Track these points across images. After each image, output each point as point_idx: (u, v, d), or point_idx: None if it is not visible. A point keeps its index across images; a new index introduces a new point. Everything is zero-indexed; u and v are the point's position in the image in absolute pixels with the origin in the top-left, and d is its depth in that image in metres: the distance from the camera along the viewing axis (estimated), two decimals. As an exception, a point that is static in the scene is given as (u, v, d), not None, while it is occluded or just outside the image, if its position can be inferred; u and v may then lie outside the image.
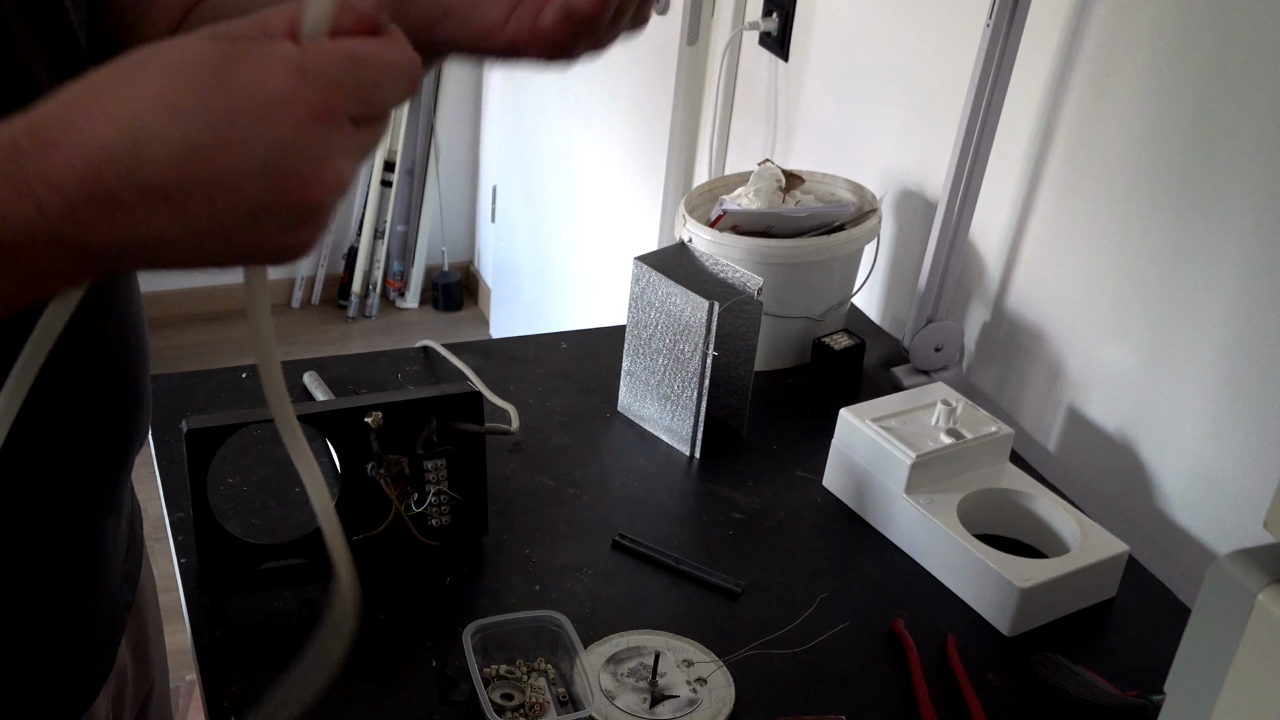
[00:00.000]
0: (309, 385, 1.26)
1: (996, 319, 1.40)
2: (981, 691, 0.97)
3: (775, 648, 1.00)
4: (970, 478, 1.14)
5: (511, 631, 0.96)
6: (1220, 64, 1.09)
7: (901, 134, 1.52)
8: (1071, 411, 1.30)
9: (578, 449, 1.23)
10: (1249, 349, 1.09)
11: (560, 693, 0.93)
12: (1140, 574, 1.12)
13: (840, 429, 1.17)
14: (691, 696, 0.94)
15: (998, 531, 1.14)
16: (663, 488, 1.19)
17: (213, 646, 0.95)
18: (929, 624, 1.04)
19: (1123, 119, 1.20)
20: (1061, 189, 1.28)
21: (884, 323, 1.55)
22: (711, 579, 1.07)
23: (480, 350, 1.37)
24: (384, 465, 1.00)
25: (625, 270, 1.26)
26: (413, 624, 0.99)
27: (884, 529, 1.14)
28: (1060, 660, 0.98)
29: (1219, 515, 1.14)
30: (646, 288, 1.21)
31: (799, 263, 1.34)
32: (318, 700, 0.92)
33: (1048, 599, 1.04)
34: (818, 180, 1.47)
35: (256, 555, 1.02)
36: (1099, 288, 1.25)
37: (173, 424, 1.16)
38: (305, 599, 1.00)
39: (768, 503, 1.17)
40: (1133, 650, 1.04)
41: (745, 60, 1.86)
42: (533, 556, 1.08)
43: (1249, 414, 1.09)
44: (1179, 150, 1.14)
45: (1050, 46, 1.26)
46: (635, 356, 1.25)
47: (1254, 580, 0.50)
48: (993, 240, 1.38)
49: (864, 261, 1.43)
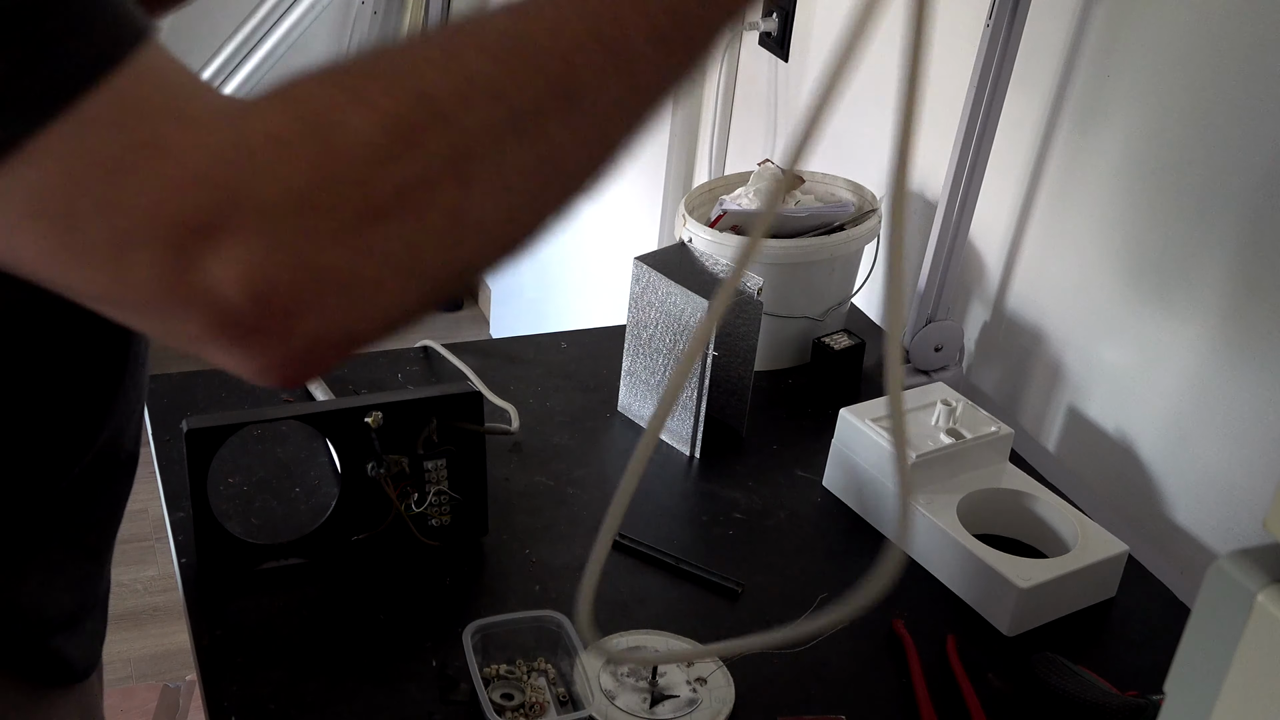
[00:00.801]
0: (309, 385, 1.26)
1: (996, 319, 1.40)
2: (981, 691, 0.97)
3: (775, 648, 1.00)
4: (970, 478, 1.14)
5: (511, 631, 0.96)
6: (1220, 64, 1.09)
7: (901, 134, 1.52)
8: (1071, 411, 1.30)
9: (578, 449, 1.23)
10: (1249, 349, 1.09)
11: (560, 693, 0.93)
12: (1140, 574, 1.12)
13: (840, 429, 1.17)
14: (691, 696, 0.94)
15: (998, 531, 1.14)
16: (663, 488, 1.19)
17: (213, 646, 0.95)
18: (929, 624, 1.04)
19: (1122, 119, 1.20)
20: (1061, 189, 1.28)
21: (884, 323, 1.55)
22: (711, 579, 1.06)
23: (480, 350, 1.37)
24: (384, 465, 1.00)
25: (625, 270, 1.26)
26: (413, 624, 0.99)
27: (884, 529, 1.14)
28: (1060, 660, 0.98)
29: (1219, 515, 1.14)
30: (646, 288, 1.21)
31: (799, 263, 1.34)
32: (318, 700, 0.92)
33: (1048, 599, 1.04)
34: (818, 180, 1.47)
35: (256, 555, 1.02)
36: (1099, 288, 1.25)
37: (173, 424, 1.16)
38: (305, 599, 1.01)
39: (768, 503, 1.17)
40: (1132, 650, 1.04)
41: (745, 60, 1.86)
42: (533, 556, 1.08)
43: (1249, 414, 1.09)
44: (1179, 150, 1.14)
45: (1050, 47, 1.26)
46: (635, 356, 1.25)
47: (1254, 580, 0.50)
48: (993, 240, 1.38)
49: (864, 261, 1.43)
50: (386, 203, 0.49)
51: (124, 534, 0.87)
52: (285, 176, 0.48)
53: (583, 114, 0.54)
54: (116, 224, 0.47)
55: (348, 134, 0.49)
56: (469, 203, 0.51)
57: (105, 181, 0.46)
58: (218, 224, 0.47)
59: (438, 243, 0.51)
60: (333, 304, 0.50)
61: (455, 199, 0.51)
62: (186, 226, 0.47)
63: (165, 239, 0.47)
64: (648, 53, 0.55)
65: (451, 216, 0.51)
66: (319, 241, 0.48)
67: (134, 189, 0.47)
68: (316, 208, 0.48)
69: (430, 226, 0.50)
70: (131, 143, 0.47)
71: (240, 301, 0.48)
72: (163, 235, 0.47)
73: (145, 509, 2.51)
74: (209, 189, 0.47)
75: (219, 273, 0.47)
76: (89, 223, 0.47)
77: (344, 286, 0.49)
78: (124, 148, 0.47)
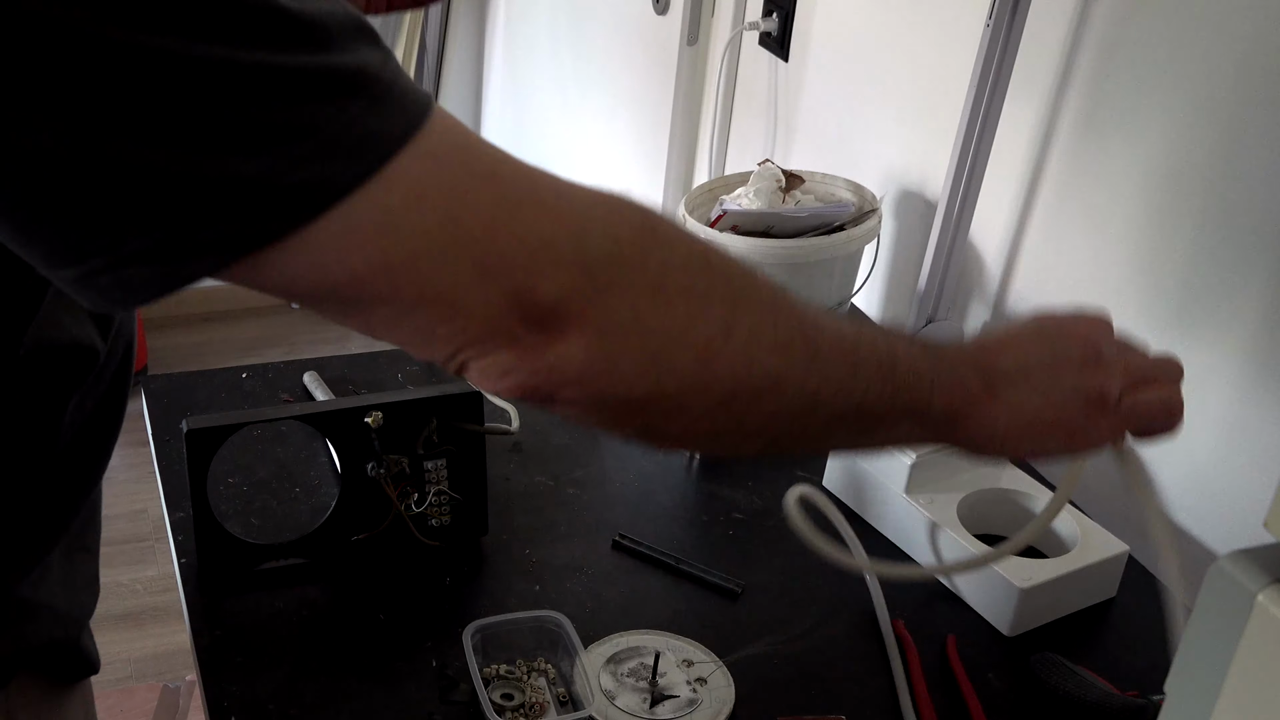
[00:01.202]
0: (309, 385, 1.26)
1: (996, 319, 1.40)
2: (981, 691, 0.97)
3: (775, 648, 1.00)
4: (970, 478, 1.14)
5: (511, 631, 0.96)
6: (1220, 63, 1.09)
7: (901, 134, 1.52)
8: (1071, 411, 1.30)
9: (578, 449, 1.23)
10: (1248, 348, 1.09)
11: (560, 693, 0.93)
12: (1140, 574, 1.12)
13: (840, 429, 1.17)
14: (691, 696, 0.94)
15: (998, 531, 1.14)
16: (663, 488, 1.19)
17: (213, 646, 0.95)
18: (929, 624, 1.04)
19: (1122, 119, 1.20)
20: (1061, 189, 1.28)
21: (884, 322, 1.55)
22: (711, 579, 1.06)
23: (480, 350, 1.37)
24: (384, 465, 1.00)
25: (625, 270, 1.26)
26: (413, 624, 0.99)
27: (884, 529, 1.14)
28: (1060, 660, 0.98)
29: (1219, 515, 1.14)
30: (646, 288, 1.21)
31: (799, 263, 1.33)
32: (318, 700, 0.93)
33: (1048, 599, 1.04)
34: (818, 180, 1.47)
35: (256, 555, 1.02)
36: (1099, 287, 1.25)
37: (173, 424, 1.16)
38: (305, 599, 1.01)
39: (768, 503, 1.17)
40: (1133, 650, 1.04)
41: (745, 60, 1.86)
42: (533, 556, 1.08)
43: (1249, 414, 1.09)
44: (1178, 150, 1.14)
45: (1050, 46, 1.26)
46: (635, 356, 1.25)
47: (1254, 580, 0.50)
48: (993, 240, 1.38)
49: (864, 261, 1.43)
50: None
51: (124, 534, 0.88)
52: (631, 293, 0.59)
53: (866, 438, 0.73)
54: (481, 255, 0.55)
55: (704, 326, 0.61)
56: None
57: (452, 210, 0.55)
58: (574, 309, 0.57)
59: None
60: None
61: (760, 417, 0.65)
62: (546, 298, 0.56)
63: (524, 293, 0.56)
64: (846, 407, 0.68)
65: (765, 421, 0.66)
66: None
67: (509, 227, 0.56)
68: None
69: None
70: (471, 173, 0.56)
71: (573, 372, 0.58)
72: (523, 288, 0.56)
73: (145, 509, 2.51)
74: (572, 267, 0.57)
75: (563, 348, 0.57)
76: (446, 252, 0.55)
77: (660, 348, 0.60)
78: (465, 176, 0.55)
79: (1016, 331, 0.77)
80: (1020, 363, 0.74)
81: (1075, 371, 0.75)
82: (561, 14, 2.59)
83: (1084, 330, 0.78)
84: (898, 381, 0.68)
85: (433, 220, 0.54)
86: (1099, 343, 0.77)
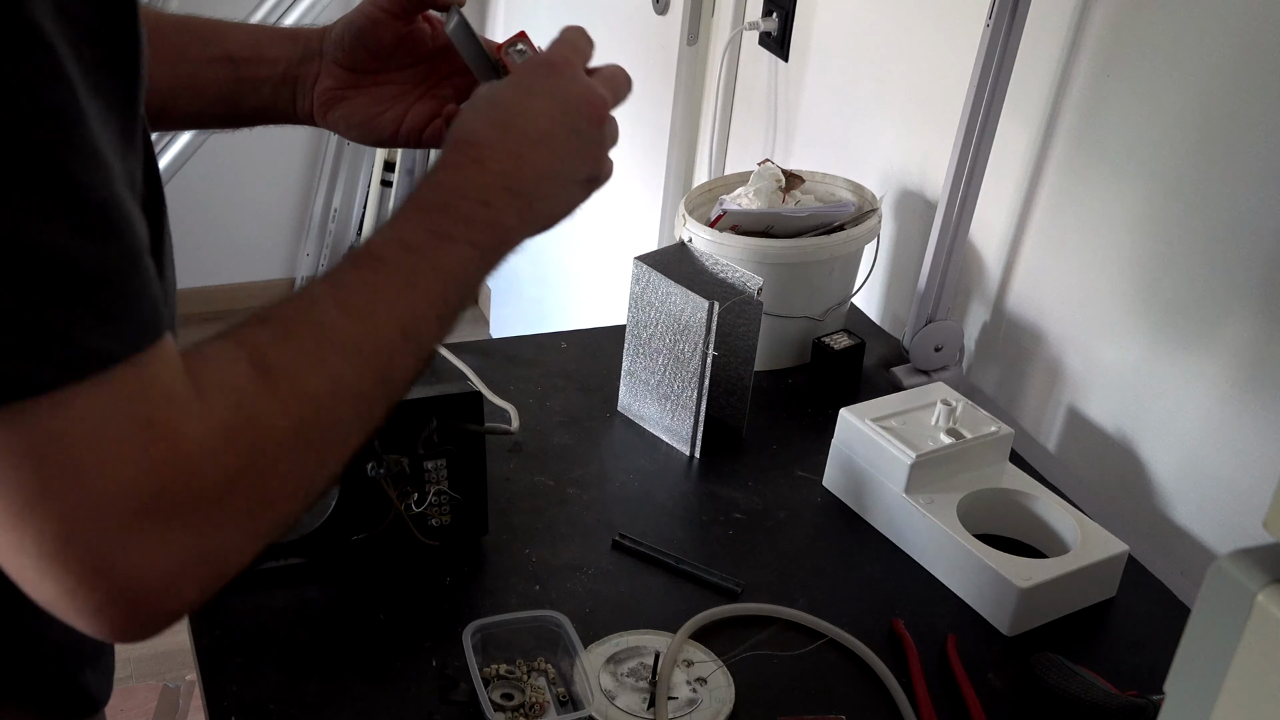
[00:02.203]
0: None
1: (996, 319, 1.40)
2: (981, 691, 0.97)
3: (775, 648, 1.00)
4: (970, 478, 1.14)
5: (511, 631, 0.96)
6: (1220, 62, 1.09)
7: (901, 134, 1.52)
8: (1071, 411, 1.30)
9: (578, 449, 1.23)
10: (1248, 348, 1.09)
11: (560, 692, 0.93)
12: (1140, 574, 1.12)
13: (840, 429, 1.17)
14: (691, 696, 0.94)
15: (998, 531, 1.14)
16: (663, 488, 1.19)
17: (213, 646, 0.95)
18: (929, 624, 1.04)
19: (1122, 118, 1.20)
20: (1061, 189, 1.28)
21: (884, 323, 1.55)
22: (711, 579, 1.07)
23: (480, 350, 1.37)
24: (384, 465, 1.00)
25: (625, 270, 1.26)
26: (413, 624, 0.99)
27: (884, 529, 1.14)
28: (1060, 660, 0.98)
29: (1219, 515, 1.14)
30: (646, 288, 1.21)
31: (799, 263, 1.34)
32: (318, 700, 0.92)
33: (1048, 599, 1.04)
34: (818, 180, 1.47)
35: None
36: (1099, 287, 1.25)
37: (173, 424, 1.16)
38: (305, 599, 1.01)
39: (768, 503, 1.17)
40: (1132, 650, 1.04)
41: (745, 60, 1.86)
42: (533, 556, 1.08)
43: (1249, 414, 1.09)
44: (1178, 150, 1.14)
45: (1050, 46, 1.26)
46: (635, 356, 1.25)
47: (1254, 580, 0.50)
48: (993, 240, 1.38)
49: (864, 261, 1.43)
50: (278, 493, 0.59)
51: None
52: (212, 476, 0.55)
53: (394, 390, 0.67)
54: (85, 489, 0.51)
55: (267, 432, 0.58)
56: (316, 478, 0.62)
57: (98, 446, 0.51)
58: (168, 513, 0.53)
59: (292, 510, 0.61)
60: (210, 586, 0.56)
61: (316, 478, 0.62)
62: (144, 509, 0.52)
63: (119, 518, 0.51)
64: (435, 328, 0.68)
65: (308, 493, 0.62)
66: (225, 534, 0.56)
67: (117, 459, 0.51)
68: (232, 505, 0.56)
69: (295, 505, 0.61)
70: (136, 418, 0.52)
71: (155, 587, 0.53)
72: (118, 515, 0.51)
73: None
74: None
75: (149, 560, 0.53)
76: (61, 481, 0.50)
77: (226, 569, 0.57)
78: (130, 420, 0.52)
79: (540, 111, 0.77)
80: (548, 168, 0.77)
81: (592, 162, 0.80)
82: (561, 14, 2.59)
83: (582, 92, 0.79)
84: (446, 313, 0.69)
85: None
86: (599, 104, 0.79)
